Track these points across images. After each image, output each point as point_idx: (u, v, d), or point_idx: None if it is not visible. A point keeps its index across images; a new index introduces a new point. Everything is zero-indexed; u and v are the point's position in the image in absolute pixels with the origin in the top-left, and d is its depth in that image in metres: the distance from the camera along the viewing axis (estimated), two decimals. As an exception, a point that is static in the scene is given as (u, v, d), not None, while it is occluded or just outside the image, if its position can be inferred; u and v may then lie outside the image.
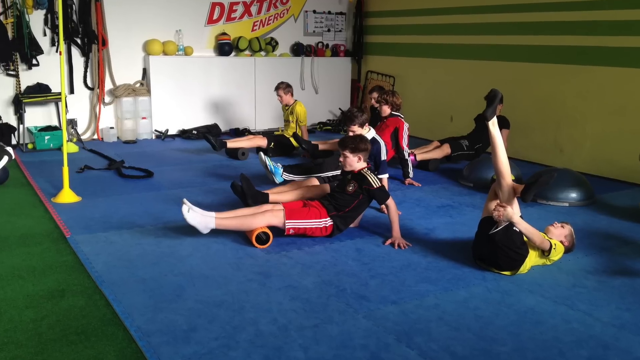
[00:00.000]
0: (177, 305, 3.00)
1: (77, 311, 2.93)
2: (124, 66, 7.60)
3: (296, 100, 6.85)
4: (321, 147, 6.19)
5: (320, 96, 8.98)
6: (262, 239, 3.84)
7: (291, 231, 3.93)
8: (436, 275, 3.49)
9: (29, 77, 7.01)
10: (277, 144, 6.72)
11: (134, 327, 2.76)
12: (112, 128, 7.59)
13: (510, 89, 6.42)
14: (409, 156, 5.70)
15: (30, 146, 6.93)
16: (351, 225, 4.20)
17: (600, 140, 6.12)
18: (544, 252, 3.51)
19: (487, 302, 3.14)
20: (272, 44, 8.57)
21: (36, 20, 6.98)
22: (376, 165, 4.80)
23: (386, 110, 5.96)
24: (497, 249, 3.42)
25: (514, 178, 3.77)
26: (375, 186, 3.99)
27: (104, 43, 7.38)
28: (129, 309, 2.94)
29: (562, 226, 3.70)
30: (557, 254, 3.56)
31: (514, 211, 3.43)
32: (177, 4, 7.85)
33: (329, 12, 9.13)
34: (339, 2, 9.20)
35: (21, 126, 6.97)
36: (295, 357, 2.55)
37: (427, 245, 3.97)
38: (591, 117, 6.18)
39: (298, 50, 8.79)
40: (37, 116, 7.13)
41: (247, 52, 8.45)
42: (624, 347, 2.72)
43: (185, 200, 3.80)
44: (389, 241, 3.98)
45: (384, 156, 4.87)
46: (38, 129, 6.97)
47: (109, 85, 7.56)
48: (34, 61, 6.95)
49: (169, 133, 7.84)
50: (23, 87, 6.97)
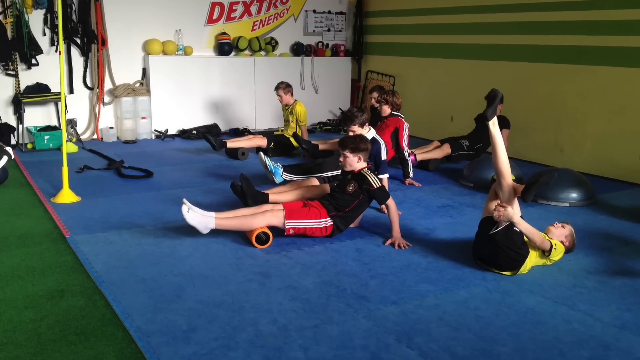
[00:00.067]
0: (177, 306, 3.00)
1: (76, 311, 2.92)
2: (123, 66, 7.59)
3: (296, 100, 6.84)
4: (321, 147, 6.18)
5: (320, 96, 8.97)
6: (262, 239, 3.84)
7: (291, 231, 3.92)
8: (436, 275, 3.48)
9: (28, 77, 7.01)
10: (277, 144, 6.71)
11: (133, 328, 2.75)
12: (111, 128, 7.59)
13: (510, 88, 6.41)
14: (409, 156, 5.69)
15: (29, 146, 6.92)
16: (351, 226, 4.19)
17: (601, 140, 6.11)
18: (545, 252, 3.51)
19: (488, 302, 3.13)
20: (272, 44, 8.56)
21: (36, 19, 6.97)
22: (376, 165, 4.80)
23: (386, 110, 5.96)
24: (497, 249, 3.41)
25: (514, 178, 3.77)
26: (376, 186, 3.98)
27: (104, 43, 7.37)
28: (128, 309, 2.94)
29: (563, 226, 3.69)
30: (557, 254, 3.56)
31: (514, 211, 3.42)
32: (177, 4, 7.84)
33: (329, 12, 9.12)
34: (339, 2, 9.19)
35: (20, 126, 6.96)
36: (295, 358, 2.54)
37: (428, 246, 3.97)
38: (592, 117, 6.17)
39: (298, 50, 8.78)
40: (36, 116, 7.13)
41: (247, 51, 8.44)
42: (624, 347, 2.72)
43: (185, 200, 3.80)
44: (389, 241, 3.97)
45: (384, 156, 4.87)
46: (37, 128, 6.97)
47: (108, 85, 7.55)
48: (33, 61, 6.95)
49: (169, 133, 7.83)
50: (22, 87, 6.97)
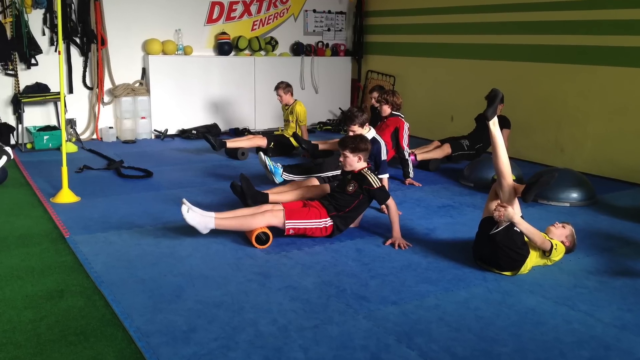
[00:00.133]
0: (177, 306, 2.99)
1: (76, 312, 2.91)
2: (123, 66, 7.59)
3: (296, 100, 6.83)
4: (321, 147, 6.17)
5: (320, 96, 8.96)
6: (261, 239, 3.83)
7: (291, 231, 3.92)
8: (437, 275, 3.48)
9: (27, 77, 7.00)
10: (277, 143, 6.71)
11: (133, 328, 2.75)
12: (111, 128, 7.58)
13: (511, 88, 6.41)
14: (409, 156, 5.69)
15: (29, 146, 6.91)
16: (351, 226, 4.18)
17: (602, 140, 6.10)
18: (545, 253, 3.50)
19: (488, 302, 3.13)
20: (272, 44, 8.55)
21: (35, 19, 6.96)
22: (376, 165, 4.79)
23: (386, 109, 5.95)
24: (497, 249, 3.41)
25: (514, 178, 3.76)
26: (376, 186, 3.97)
27: (103, 42, 7.36)
28: (128, 309, 2.93)
29: (563, 226, 3.69)
30: (558, 254, 3.55)
31: (514, 211, 3.42)
32: (177, 4, 7.83)
33: (329, 12, 9.12)
34: (339, 2, 9.18)
35: (20, 126, 6.96)
36: (295, 358, 2.54)
37: (428, 246, 3.96)
38: (592, 117, 6.16)
39: (298, 49, 8.77)
40: (36, 116, 7.12)
41: (246, 51, 8.43)
42: (625, 347, 2.71)
43: (184, 200, 3.79)
44: (389, 241, 3.97)
45: (384, 156, 4.86)
46: (37, 128, 6.96)
47: (108, 85, 7.55)
48: (32, 61, 6.94)
49: (169, 133, 7.82)
50: (22, 87, 6.96)
